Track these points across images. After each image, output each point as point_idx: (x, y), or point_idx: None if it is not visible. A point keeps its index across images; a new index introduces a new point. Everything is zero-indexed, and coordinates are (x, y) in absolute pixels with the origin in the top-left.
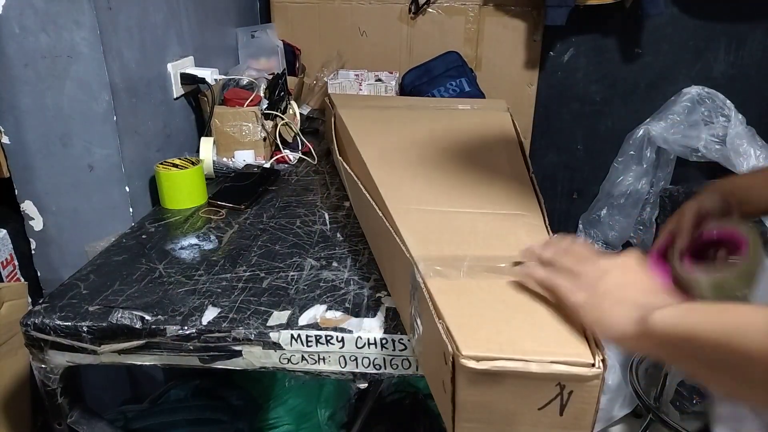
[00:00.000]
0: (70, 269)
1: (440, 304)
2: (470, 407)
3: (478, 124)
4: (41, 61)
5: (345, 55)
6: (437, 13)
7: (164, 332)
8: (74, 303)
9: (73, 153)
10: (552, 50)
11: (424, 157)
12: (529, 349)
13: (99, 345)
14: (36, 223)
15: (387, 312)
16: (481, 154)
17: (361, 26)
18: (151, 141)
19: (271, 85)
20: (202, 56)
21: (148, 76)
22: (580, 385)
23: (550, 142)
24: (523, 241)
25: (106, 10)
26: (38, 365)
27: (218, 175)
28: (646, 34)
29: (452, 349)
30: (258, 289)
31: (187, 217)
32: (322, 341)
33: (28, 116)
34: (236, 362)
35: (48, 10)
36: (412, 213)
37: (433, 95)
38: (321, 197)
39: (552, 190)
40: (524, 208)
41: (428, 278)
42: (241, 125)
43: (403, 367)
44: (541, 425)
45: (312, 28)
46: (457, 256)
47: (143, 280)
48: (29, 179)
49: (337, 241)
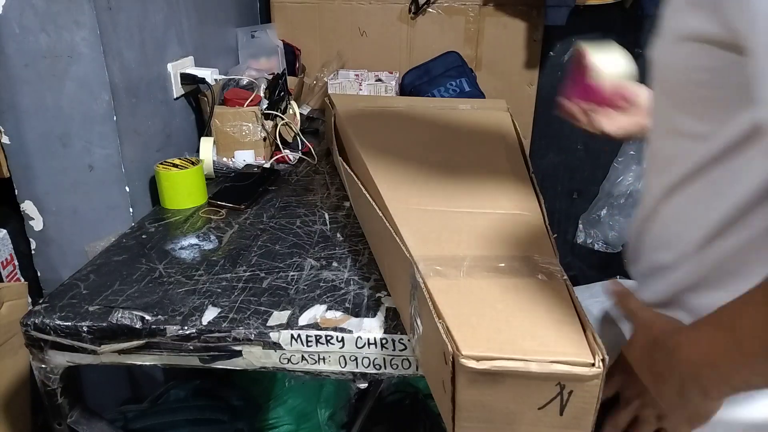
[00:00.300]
0: (70, 269)
1: (440, 303)
2: (470, 407)
3: (478, 124)
4: (41, 61)
5: (345, 55)
6: (437, 13)
7: (164, 332)
8: (74, 303)
9: (73, 153)
10: (552, 50)
11: (424, 157)
12: (529, 348)
13: (99, 345)
14: (36, 223)
15: (387, 312)
16: (482, 154)
17: (361, 26)
18: (151, 141)
19: (271, 85)
20: (202, 56)
21: (148, 76)
22: (580, 384)
23: (550, 142)
24: (523, 240)
25: (106, 10)
26: (38, 365)
27: (218, 175)
28: (645, 34)
29: (452, 348)
30: (258, 289)
31: (187, 217)
32: (322, 341)
33: (28, 116)
34: (236, 362)
35: (48, 10)
36: (412, 213)
37: (433, 95)
38: (321, 197)
39: (552, 190)
40: (524, 207)
41: (428, 278)
42: (241, 125)
43: (403, 367)
44: (541, 425)
45: (312, 28)
46: (456, 255)
47: (143, 280)
48: (29, 179)
49: (337, 241)
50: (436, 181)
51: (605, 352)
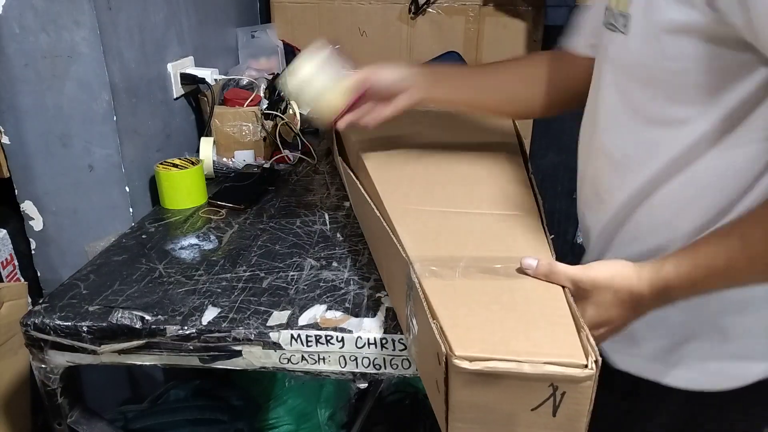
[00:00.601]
0: (70, 269)
1: (435, 304)
2: (464, 407)
3: (478, 124)
4: (41, 61)
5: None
6: (437, 13)
7: (164, 332)
8: (74, 303)
9: (73, 153)
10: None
11: (423, 157)
12: (522, 349)
13: (99, 345)
14: (36, 223)
15: (387, 312)
16: (481, 154)
17: (361, 26)
18: (151, 141)
19: (271, 86)
20: (202, 56)
21: (148, 76)
22: (573, 386)
23: (550, 142)
24: (520, 242)
25: (106, 10)
26: (38, 365)
27: (218, 175)
28: None
29: (446, 349)
30: (258, 289)
31: (187, 217)
32: (322, 341)
33: (28, 116)
34: (236, 362)
35: (48, 10)
36: (410, 213)
37: None
38: (321, 197)
39: (552, 190)
40: (522, 208)
41: (423, 278)
42: (241, 125)
43: (403, 367)
44: (534, 426)
45: (312, 28)
46: (453, 256)
47: (143, 280)
48: (29, 179)
49: (337, 241)
50: (434, 181)
51: (599, 353)
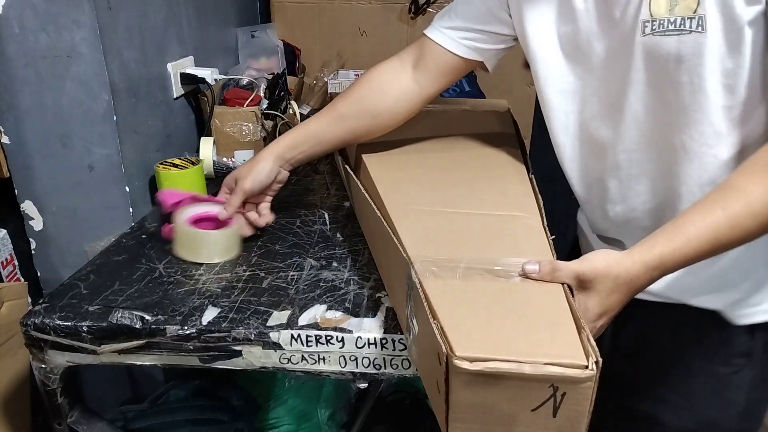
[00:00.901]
0: (70, 269)
1: (435, 304)
2: (464, 408)
3: (478, 124)
4: (41, 61)
5: (345, 55)
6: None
7: (164, 332)
8: (74, 303)
9: (73, 153)
10: None
11: (424, 157)
12: (522, 350)
13: (99, 345)
14: (36, 223)
15: (387, 312)
16: (481, 154)
17: (361, 26)
18: (151, 141)
19: (271, 85)
20: (202, 56)
21: (148, 76)
22: (573, 387)
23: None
24: (521, 242)
25: (106, 10)
26: (38, 365)
27: (218, 175)
28: None
29: (446, 349)
30: (258, 289)
31: None
32: (322, 341)
33: (28, 116)
34: (236, 362)
35: (48, 10)
36: (410, 213)
37: None
38: (321, 197)
39: (552, 190)
40: (523, 209)
41: (424, 279)
42: (241, 125)
43: (403, 367)
44: (534, 426)
45: (312, 28)
46: (453, 257)
47: (143, 280)
48: (29, 179)
49: (337, 241)
50: (435, 181)
51: (599, 354)
